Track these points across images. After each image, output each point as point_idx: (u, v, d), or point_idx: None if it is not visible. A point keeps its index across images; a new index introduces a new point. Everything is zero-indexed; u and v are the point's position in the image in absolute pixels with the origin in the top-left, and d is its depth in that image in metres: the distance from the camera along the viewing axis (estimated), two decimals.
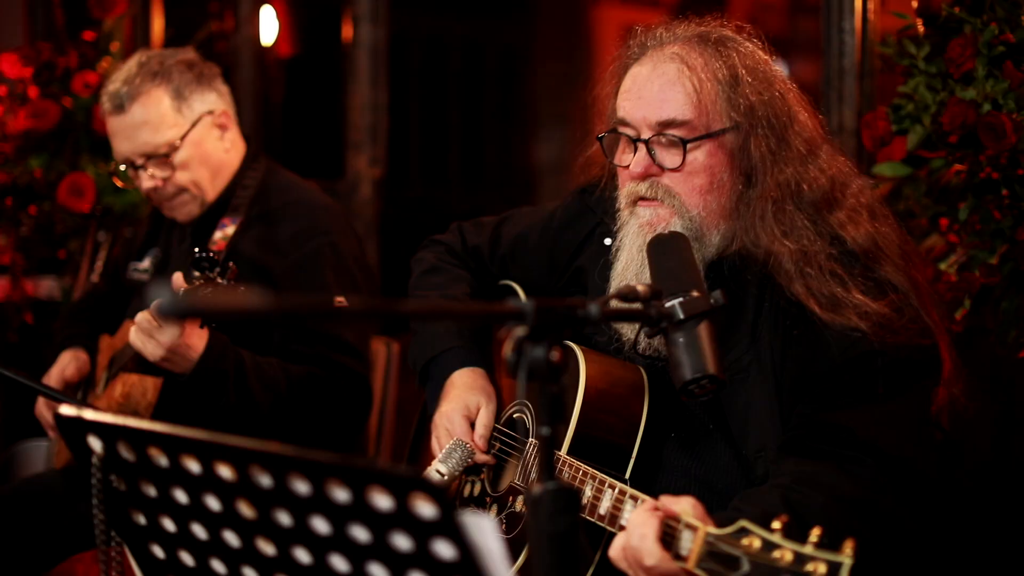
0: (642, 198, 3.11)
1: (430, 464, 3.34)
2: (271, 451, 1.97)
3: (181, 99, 4.32)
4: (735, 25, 3.20)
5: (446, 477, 3.28)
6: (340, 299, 4.19)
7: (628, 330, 3.18)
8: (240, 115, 4.67)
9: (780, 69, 3.20)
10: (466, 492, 3.43)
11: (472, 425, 3.39)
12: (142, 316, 3.80)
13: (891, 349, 2.90)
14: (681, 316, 2.55)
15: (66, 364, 4.67)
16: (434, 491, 1.82)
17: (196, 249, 3.68)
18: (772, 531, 2.30)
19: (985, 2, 3.89)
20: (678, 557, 2.47)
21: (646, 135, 3.07)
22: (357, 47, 6.25)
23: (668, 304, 2.56)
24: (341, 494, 1.91)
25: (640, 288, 2.43)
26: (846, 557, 2.19)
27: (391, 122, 6.30)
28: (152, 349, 3.80)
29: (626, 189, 3.15)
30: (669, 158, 3.06)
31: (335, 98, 6.52)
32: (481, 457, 3.36)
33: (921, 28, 4.05)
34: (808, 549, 2.24)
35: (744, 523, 2.36)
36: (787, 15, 6.58)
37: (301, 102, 7.11)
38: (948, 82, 3.95)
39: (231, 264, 3.73)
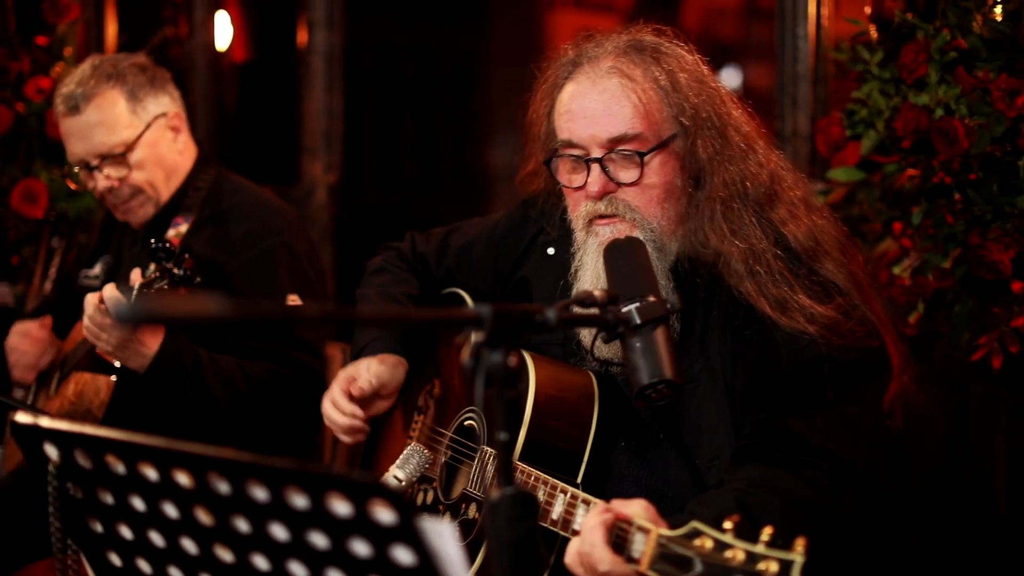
0: (601, 216, 3.09)
1: (385, 466, 3.35)
2: (229, 458, 1.96)
3: (135, 100, 4.32)
4: (655, 28, 3.19)
5: (404, 483, 3.28)
6: (293, 297, 4.22)
7: (584, 336, 3.19)
8: (194, 120, 4.67)
9: (706, 68, 3.21)
10: (419, 501, 3.43)
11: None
12: (92, 303, 3.80)
13: (839, 352, 2.92)
14: (638, 321, 2.55)
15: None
16: (393, 497, 1.82)
17: (152, 240, 3.71)
18: (724, 531, 2.31)
19: (937, 8, 3.92)
20: (631, 560, 2.47)
21: (598, 154, 3.05)
22: (312, 53, 6.25)
23: (625, 309, 2.56)
24: (300, 500, 1.90)
25: (597, 293, 2.44)
26: (797, 555, 2.20)
27: (346, 128, 6.29)
28: (106, 340, 3.81)
29: (582, 209, 3.12)
30: (625, 173, 3.05)
31: (290, 104, 6.50)
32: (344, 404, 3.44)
33: (874, 34, 4.08)
34: (760, 548, 2.24)
35: (696, 524, 2.37)
36: (741, 20, 6.58)
37: (256, 108, 7.08)
38: (901, 87, 3.98)
39: (186, 255, 3.74)
